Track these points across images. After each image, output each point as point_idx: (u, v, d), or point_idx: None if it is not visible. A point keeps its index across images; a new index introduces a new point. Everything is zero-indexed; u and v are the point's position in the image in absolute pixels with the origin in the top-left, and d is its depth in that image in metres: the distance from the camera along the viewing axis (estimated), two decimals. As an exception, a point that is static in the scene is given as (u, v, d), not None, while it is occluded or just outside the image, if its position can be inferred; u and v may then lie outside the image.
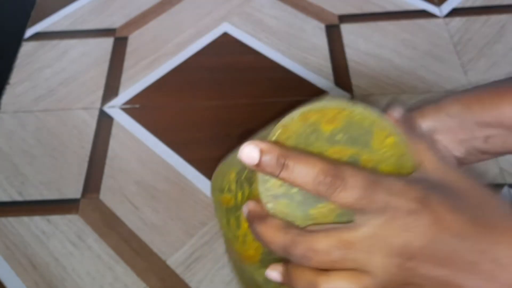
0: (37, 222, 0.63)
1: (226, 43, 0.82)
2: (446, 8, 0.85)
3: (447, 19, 0.83)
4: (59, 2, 0.92)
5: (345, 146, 0.32)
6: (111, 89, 0.77)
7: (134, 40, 0.84)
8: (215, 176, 0.40)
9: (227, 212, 0.37)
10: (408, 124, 0.33)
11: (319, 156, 0.29)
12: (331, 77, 0.76)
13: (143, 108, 0.74)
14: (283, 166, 0.28)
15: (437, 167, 0.31)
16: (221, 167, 0.40)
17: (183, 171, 0.66)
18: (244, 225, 0.35)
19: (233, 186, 0.36)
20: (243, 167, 0.34)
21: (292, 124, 0.32)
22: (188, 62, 0.80)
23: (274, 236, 0.30)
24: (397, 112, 0.33)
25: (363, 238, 0.28)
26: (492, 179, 0.62)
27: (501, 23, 0.81)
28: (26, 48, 0.84)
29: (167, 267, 0.58)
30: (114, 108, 0.74)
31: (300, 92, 0.74)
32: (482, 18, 0.82)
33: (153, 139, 0.70)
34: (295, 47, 0.80)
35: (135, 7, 0.89)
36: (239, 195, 0.36)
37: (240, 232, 0.36)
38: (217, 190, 0.38)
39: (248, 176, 0.34)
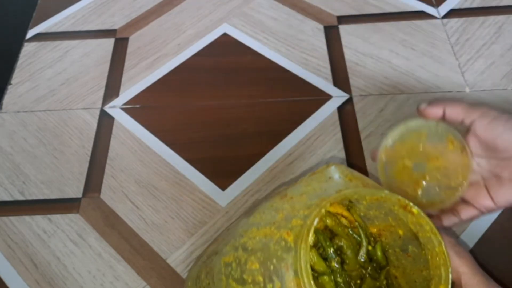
0: (38, 221, 0.63)
1: (225, 44, 0.83)
2: (444, 9, 0.85)
3: (445, 20, 0.83)
4: (60, 3, 0.92)
5: None
6: (112, 89, 0.78)
7: (135, 41, 0.85)
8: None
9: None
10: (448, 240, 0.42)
11: None
12: (330, 77, 0.76)
13: (143, 108, 0.75)
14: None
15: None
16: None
17: (183, 171, 0.67)
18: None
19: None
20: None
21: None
22: (188, 63, 0.81)
23: None
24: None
25: None
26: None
27: (498, 24, 0.82)
28: (27, 49, 0.85)
29: (168, 266, 0.59)
30: (115, 108, 0.75)
31: (299, 92, 0.75)
32: (480, 19, 0.83)
33: (153, 139, 0.71)
34: (294, 47, 0.81)
35: (136, 8, 0.90)
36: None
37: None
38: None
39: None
